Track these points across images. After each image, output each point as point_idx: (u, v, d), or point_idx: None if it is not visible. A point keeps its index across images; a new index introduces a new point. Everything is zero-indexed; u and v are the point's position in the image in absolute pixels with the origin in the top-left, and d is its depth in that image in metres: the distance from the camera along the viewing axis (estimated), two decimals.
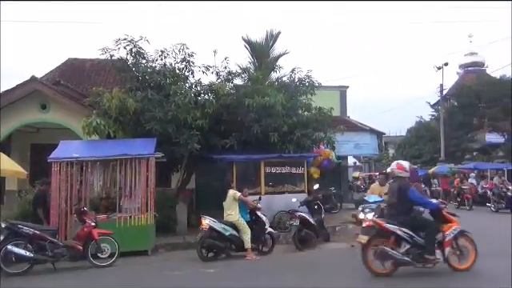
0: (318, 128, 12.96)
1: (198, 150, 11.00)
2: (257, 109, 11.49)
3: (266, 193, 11.84)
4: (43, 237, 8.01)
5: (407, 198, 6.63)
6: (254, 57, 15.60)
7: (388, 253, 6.40)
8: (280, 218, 11.55)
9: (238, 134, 11.80)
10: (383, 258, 6.49)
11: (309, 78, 13.18)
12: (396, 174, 6.98)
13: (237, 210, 8.94)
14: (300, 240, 9.68)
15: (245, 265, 8.41)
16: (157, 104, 11.04)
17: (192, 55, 12.07)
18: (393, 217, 6.68)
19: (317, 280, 7.01)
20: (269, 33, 15.67)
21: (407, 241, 6.48)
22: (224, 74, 12.69)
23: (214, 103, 11.30)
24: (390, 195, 7.07)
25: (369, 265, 6.56)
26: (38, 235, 7.96)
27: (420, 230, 6.59)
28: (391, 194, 6.96)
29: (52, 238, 8.16)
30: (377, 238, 6.57)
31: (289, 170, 12.35)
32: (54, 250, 8.02)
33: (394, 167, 7.04)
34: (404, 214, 6.61)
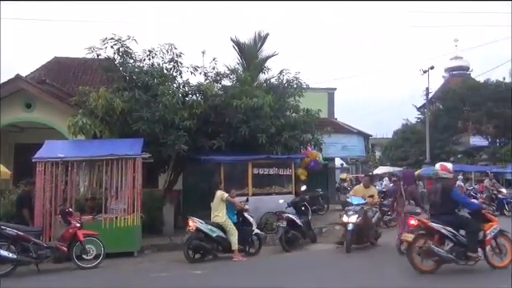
0: (305, 130, 13.02)
1: (186, 150, 10.95)
2: (245, 110, 11.49)
3: (253, 194, 11.83)
4: (27, 238, 7.87)
5: (451, 198, 6.86)
6: (242, 58, 15.60)
7: (434, 250, 6.59)
8: (267, 220, 11.55)
9: (225, 135, 11.78)
10: (429, 256, 6.67)
11: (297, 80, 13.26)
12: (440, 175, 7.18)
13: (224, 211, 8.91)
14: (287, 241, 9.69)
15: (232, 266, 8.40)
16: (144, 104, 10.96)
17: (180, 55, 12.03)
18: (435, 216, 6.91)
19: (303, 281, 7.04)
20: (257, 34, 15.70)
21: (451, 239, 6.71)
22: (212, 74, 12.68)
23: (201, 104, 11.27)
24: (432, 195, 7.25)
25: (414, 262, 6.73)
26: (21, 236, 7.83)
27: (461, 229, 6.80)
28: (434, 194, 7.12)
29: (36, 240, 8.03)
30: (421, 237, 6.74)
31: (276, 172, 12.36)
32: (37, 252, 7.89)
33: (438, 168, 7.25)
34: (447, 213, 6.83)
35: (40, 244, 8.07)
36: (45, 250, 8.02)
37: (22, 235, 7.84)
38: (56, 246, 8.15)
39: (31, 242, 7.87)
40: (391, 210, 10.57)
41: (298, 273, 7.64)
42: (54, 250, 8.10)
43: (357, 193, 10.07)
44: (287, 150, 12.37)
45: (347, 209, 9.46)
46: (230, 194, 9.22)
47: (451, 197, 6.87)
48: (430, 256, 6.68)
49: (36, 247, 7.92)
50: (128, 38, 11.66)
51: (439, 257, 6.64)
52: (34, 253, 7.85)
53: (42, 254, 7.95)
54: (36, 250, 7.88)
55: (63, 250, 8.13)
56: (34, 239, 7.96)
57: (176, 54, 11.99)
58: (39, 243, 8.06)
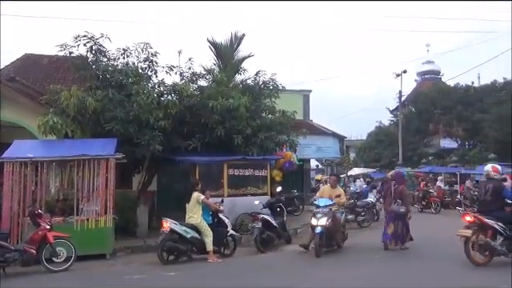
0: (281, 131, 13.09)
1: (160, 151, 10.82)
2: (221, 111, 11.45)
3: (228, 195, 11.80)
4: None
5: (502, 196, 7.57)
6: (218, 58, 15.54)
7: (491, 244, 7.18)
8: (242, 221, 11.54)
9: (201, 135, 11.71)
10: (485, 249, 7.26)
11: (273, 82, 13.32)
12: (491, 176, 7.85)
13: (199, 213, 8.85)
14: (262, 242, 9.70)
15: (206, 267, 8.35)
16: (118, 104, 10.76)
17: (155, 55, 11.89)
18: (485, 213, 7.46)
19: (276, 281, 7.07)
20: (233, 35, 15.67)
21: (501, 234, 7.27)
22: (188, 74, 12.58)
23: (177, 104, 11.17)
24: (482, 193, 7.85)
25: (471, 257, 7.26)
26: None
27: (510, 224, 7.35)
28: (484, 193, 7.75)
29: (2, 242, 7.76)
30: (476, 233, 7.26)
31: (252, 173, 12.36)
32: (4, 255, 7.62)
33: (490, 170, 7.92)
34: (498, 210, 7.47)
35: (7, 247, 7.80)
36: (12, 252, 7.75)
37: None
38: (24, 248, 7.89)
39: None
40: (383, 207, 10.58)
41: (272, 274, 7.67)
42: (22, 253, 7.84)
43: (323, 194, 9.76)
44: (263, 151, 12.40)
45: (315, 211, 9.13)
46: (205, 196, 9.18)
47: (502, 195, 7.57)
48: (486, 249, 7.24)
49: (2, 250, 7.65)
50: (101, 36, 11.43)
51: (494, 250, 7.20)
52: (1, 256, 7.58)
53: (9, 257, 7.67)
54: (2, 254, 7.61)
55: (32, 252, 7.88)
56: (0, 242, 7.69)
57: (151, 53, 11.83)
58: (6, 246, 7.79)
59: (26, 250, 7.87)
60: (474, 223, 7.42)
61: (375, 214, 15.70)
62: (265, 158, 12.41)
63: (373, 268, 7.91)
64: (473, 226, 7.40)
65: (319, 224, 8.73)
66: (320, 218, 8.81)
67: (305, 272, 7.77)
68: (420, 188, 20.20)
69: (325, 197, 9.52)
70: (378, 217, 15.98)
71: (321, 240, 8.71)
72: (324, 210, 8.96)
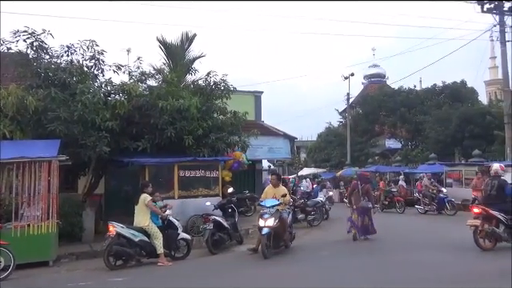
0: (232, 132, 13.08)
1: (108, 152, 10.46)
2: (171, 111, 11.27)
3: (179, 197, 11.62)
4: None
5: (505, 191, 8.68)
6: (169, 58, 15.27)
7: (496, 231, 8.34)
8: (194, 222, 11.41)
9: (151, 136, 11.45)
10: (492, 236, 8.40)
11: (224, 82, 13.29)
12: (499, 174, 9.02)
13: (148, 215, 8.65)
14: (213, 244, 9.66)
15: (155, 271, 8.17)
16: (61, 103, 10.26)
17: (102, 53, 11.50)
18: (490, 205, 8.57)
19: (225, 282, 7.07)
20: (184, 34, 15.47)
21: (504, 223, 8.39)
22: (137, 74, 12.29)
23: (125, 104, 10.84)
24: (488, 189, 8.96)
25: (479, 243, 8.42)
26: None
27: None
28: (490, 188, 8.90)
29: None
30: (483, 222, 8.40)
31: (203, 174, 12.22)
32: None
33: (498, 168, 9.11)
34: (502, 203, 8.54)
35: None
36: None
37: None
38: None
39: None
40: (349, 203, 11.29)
41: (222, 275, 7.65)
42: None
43: (268, 194, 9.54)
44: (214, 152, 12.33)
45: (262, 212, 9.03)
46: (154, 197, 8.98)
47: (505, 190, 8.70)
48: (493, 236, 8.39)
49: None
50: (43, 32, 10.87)
51: (499, 237, 8.36)
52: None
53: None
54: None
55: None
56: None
57: (97, 51, 11.43)
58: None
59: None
60: (481, 214, 8.55)
61: (325, 213, 16.12)
62: (216, 158, 12.34)
63: (320, 266, 8.08)
64: (480, 217, 8.55)
65: (267, 225, 8.63)
66: (267, 218, 8.71)
67: (254, 272, 7.79)
68: (380, 188, 19.71)
69: (269, 197, 9.35)
70: (327, 216, 16.43)
71: (268, 241, 8.63)
72: (271, 211, 8.85)
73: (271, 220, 8.69)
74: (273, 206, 8.97)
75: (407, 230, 13.16)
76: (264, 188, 10.93)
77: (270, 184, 9.93)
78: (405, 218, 16.44)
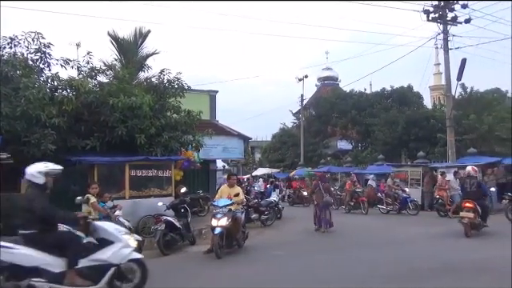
0: (186, 131, 12.92)
1: (53, 150, 9.98)
2: (122, 109, 10.96)
3: (130, 197, 11.31)
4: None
5: (482, 189, 10.84)
6: (120, 54, 14.81)
7: (477, 223, 10.32)
8: (145, 223, 11.14)
9: (100, 134, 11.09)
10: (476, 226, 10.28)
11: (178, 81, 13.11)
12: (471, 174, 10.95)
13: (95, 216, 8.32)
14: (165, 244, 9.48)
15: None
16: (3, 98, 9.69)
17: (49, 46, 10.98)
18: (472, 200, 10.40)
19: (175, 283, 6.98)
20: (138, 30, 15.08)
21: (479, 214, 10.32)
22: (86, 69, 11.86)
23: (73, 100, 10.43)
24: (468, 187, 10.79)
25: (468, 232, 10.10)
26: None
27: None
28: (469, 186, 10.78)
29: None
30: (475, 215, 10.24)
31: (156, 174, 11.98)
32: None
33: (471, 170, 11.03)
34: (480, 199, 10.56)
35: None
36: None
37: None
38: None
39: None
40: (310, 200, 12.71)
41: (172, 276, 7.53)
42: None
43: (222, 194, 9.58)
44: (167, 152, 12.12)
45: (215, 212, 9.02)
46: (103, 198, 8.68)
47: (481, 189, 10.84)
48: (476, 227, 10.28)
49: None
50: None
51: (479, 226, 10.33)
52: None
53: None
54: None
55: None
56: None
57: (44, 44, 10.91)
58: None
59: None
60: (472, 208, 10.24)
61: (278, 212, 16.29)
62: (169, 158, 12.13)
63: (274, 266, 8.16)
64: (472, 211, 10.22)
65: (219, 225, 8.61)
66: (220, 218, 8.70)
67: (206, 273, 7.72)
68: (346, 188, 19.25)
69: (224, 197, 9.37)
70: (280, 215, 16.61)
71: (221, 240, 8.62)
72: (224, 210, 8.83)
73: (224, 219, 8.68)
74: (226, 205, 8.96)
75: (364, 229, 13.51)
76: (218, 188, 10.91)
77: (226, 184, 9.95)
78: (364, 218, 16.46)
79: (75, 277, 5.22)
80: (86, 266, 5.36)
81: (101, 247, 5.59)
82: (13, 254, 4.99)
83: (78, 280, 5.23)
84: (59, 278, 5.13)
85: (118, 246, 5.67)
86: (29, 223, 5.32)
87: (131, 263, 5.79)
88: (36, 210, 5.35)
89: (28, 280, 4.96)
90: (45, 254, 5.16)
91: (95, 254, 5.50)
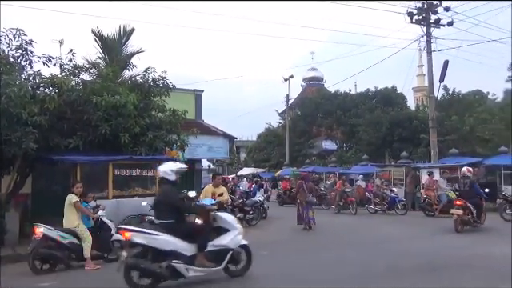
0: (171, 130, 12.82)
1: (35, 149, 9.79)
2: (106, 107, 10.81)
3: (113, 196, 11.17)
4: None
5: (475, 189, 11.48)
6: (104, 52, 14.60)
7: (467, 219, 10.98)
8: (129, 223, 11.01)
9: (83, 133, 10.92)
10: (466, 223, 10.98)
11: (163, 79, 12.99)
12: (466, 174, 11.68)
13: (76, 216, 8.21)
14: None
15: (85, 275, 7.78)
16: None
17: (30, 43, 10.75)
18: (465, 199, 11.05)
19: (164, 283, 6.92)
20: (122, 28, 14.89)
21: (472, 213, 10.95)
22: (69, 67, 11.65)
23: (55, 98, 10.23)
24: (462, 186, 11.71)
25: (458, 227, 10.84)
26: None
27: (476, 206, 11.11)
28: (463, 186, 11.65)
29: None
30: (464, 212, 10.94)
31: (140, 173, 11.84)
32: None
33: (465, 170, 11.82)
34: (472, 197, 11.17)
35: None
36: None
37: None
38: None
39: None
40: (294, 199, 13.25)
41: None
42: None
43: (207, 194, 9.42)
44: (152, 151, 12.02)
45: None
46: (87, 198, 8.57)
47: (474, 188, 11.48)
48: (467, 223, 10.97)
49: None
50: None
51: (469, 223, 11.00)
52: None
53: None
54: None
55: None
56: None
57: (25, 40, 10.67)
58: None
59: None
60: (462, 205, 10.96)
61: (263, 212, 16.32)
62: (154, 157, 12.01)
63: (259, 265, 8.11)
64: (461, 208, 10.94)
65: None
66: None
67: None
68: (337, 188, 19.02)
69: (208, 196, 9.18)
70: (265, 215, 16.64)
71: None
72: None
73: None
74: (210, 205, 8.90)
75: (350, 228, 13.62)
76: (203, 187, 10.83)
77: (211, 183, 9.83)
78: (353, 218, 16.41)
79: (203, 259, 6.24)
80: (210, 250, 6.35)
81: (219, 234, 6.55)
82: (156, 239, 5.98)
83: (206, 262, 6.26)
84: (191, 261, 6.15)
85: (234, 233, 6.66)
86: (166, 214, 6.27)
87: (239, 248, 6.74)
88: (173, 203, 6.40)
89: (167, 262, 5.94)
90: (179, 240, 6.12)
91: (216, 240, 6.47)
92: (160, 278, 6.04)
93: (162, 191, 6.74)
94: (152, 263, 5.96)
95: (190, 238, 6.24)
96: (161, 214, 6.39)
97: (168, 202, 6.37)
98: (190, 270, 6.15)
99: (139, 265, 5.97)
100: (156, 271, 5.93)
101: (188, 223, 6.70)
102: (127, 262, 5.91)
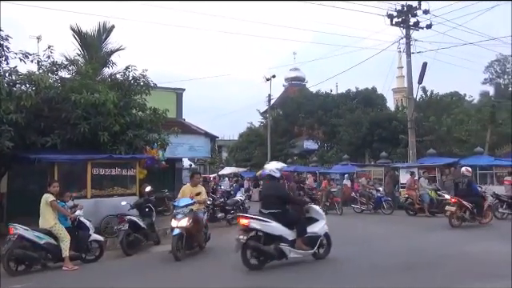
0: (152, 129, 12.72)
1: (11, 148, 9.58)
2: (85, 105, 10.67)
3: (92, 196, 11.03)
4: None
5: (472, 188, 12.03)
6: (84, 49, 14.30)
7: (464, 216, 11.60)
8: (108, 223, 10.90)
9: (61, 131, 10.76)
10: (462, 219, 11.60)
11: (144, 78, 12.87)
12: (465, 174, 12.28)
13: (53, 216, 8.06)
14: (128, 244, 9.31)
15: (62, 275, 7.65)
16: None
17: (7, 39, 10.52)
18: (463, 197, 11.71)
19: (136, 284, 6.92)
20: (102, 25, 14.64)
21: (470, 210, 11.57)
22: (47, 64, 11.45)
23: (32, 96, 10.03)
24: (461, 185, 12.16)
25: (451, 223, 11.59)
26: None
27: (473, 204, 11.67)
28: (462, 185, 12.14)
29: None
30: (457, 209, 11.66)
31: (119, 172, 11.71)
32: None
33: (464, 170, 12.37)
34: (470, 196, 11.72)
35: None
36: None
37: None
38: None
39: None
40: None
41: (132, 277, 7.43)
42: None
43: (185, 193, 9.21)
44: (132, 150, 11.90)
45: (176, 212, 8.59)
46: (64, 197, 8.42)
47: (472, 187, 12.04)
48: (462, 220, 11.57)
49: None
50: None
51: (465, 219, 11.55)
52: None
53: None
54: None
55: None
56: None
57: (1, 36, 10.44)
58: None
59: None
60: (456, 203, 11.68)
61: (244, 211, 16.32)
62: (134, 156, 11.90)
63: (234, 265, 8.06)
64: (456, 205, 11.64)
65: (179, 225, 8.27)
66: (180, 219, 8.35)
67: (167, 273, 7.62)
68: (323, 188, 18.59)
69: (186, 196, 9.02)
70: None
71: (180, 242, 8.28)
72: (184, 211, 8.49)
73: (184, 220, 8.34)
74: (186, 205, 8.64)
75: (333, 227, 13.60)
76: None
77: (189, 183, 9.65)
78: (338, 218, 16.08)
79: (302, 244, 7.30)
80: (306, 236, 7.38)
81: (310, 223, 7.61)
82: (268, 226, 7.09)
83: (303, 246, 7.32)
84: (292, 244, 7.21)
85: (322, 222, 7.76)
86: (273, 205, 7.35)
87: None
88: (281, 196, 7.56)
89: (275, 244, 7.09)
90: (284, 227, 7.19)
91: (309, 227, 7.51)
92: (270, 257, 7.18)
93: (271, 186, 7.75)
94: (264, 245, 7.04)
95: (291, 225, 7.30)
96: (269, 205, 7.39)
97: (277, 195, 7.43)
98: (292, 252, 7.22)
99: (257, 246, 7.01)
100: (269, 251, 7.06)
101: (290, 213, 7.55)
102: (247, 243, 6.95)
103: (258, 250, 7.06)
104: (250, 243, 6.99)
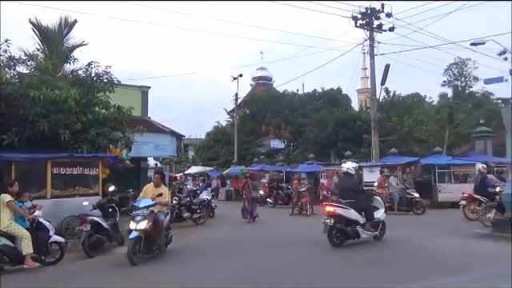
0: (116, 127, 12.39)
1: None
2: (44, 102, 10.25)
3: (52, 196, 10.61)
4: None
5: (485, 183, 13.32)
6: (44, 44, 13.77)
7: (477, 209, 12.65)
8: (69, 224, 10.54)
9: (19, 129, 10.28)
10: (475, 212, 12.70)
11: (107, 74, 12.53)
12: (481, 171, 13.78)
13: (8, 217, 7.71)
14: (91, 246, 9.05)
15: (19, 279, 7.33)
16: None
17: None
18: (477, 192, 13.15)
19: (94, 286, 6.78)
20: (63, 19, 14.14)
21: (484, 203, 12.39)
22: (4, 58, 10.92)
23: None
24: (475, 181, 14.01)
25: (466, 214, 13.09)
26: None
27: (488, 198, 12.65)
28: (476, 180, 14.04)
29: None
30: (468, 203, 13.23)
31: (81, 171, 11.31)
32: None
33: (480, 167, 14.05)
34: (483, 191, 13.03)
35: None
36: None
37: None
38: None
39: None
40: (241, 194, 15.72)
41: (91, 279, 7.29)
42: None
43: (146, 194, 8.84)
44: (94, 149, 11.54)
45: (135, 213, 8.20)
46: (23, 197, 8.08)
47: (485, 183, 13.34)
48: (475, 212, 12.72)
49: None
50: None
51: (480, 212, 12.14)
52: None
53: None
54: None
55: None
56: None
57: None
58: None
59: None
60: (468, 197, 13.19)
61: (210, 210, 16.24)
62: (96, 155, 11.55)
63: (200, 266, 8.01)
64: (466, 199, 13.20)
65: (138, 228, 7.91)
66: (140, 221, 7.97)
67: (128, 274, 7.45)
68: (294, 188, 18.13)
69: (147, 196, 8.67)
70: (213, 213, 16.58)
71: (137, 245, 7.92)
72: (144, 212, 8.12)
73: (143, 223, 7.96)
74: (147, 206, 8.28)
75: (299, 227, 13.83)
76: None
77: (152, 183, 9.30)
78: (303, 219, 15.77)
79: (370, 227, 9.37)
80: (373, 221, 9.41)
81: (375, 210, 9.68)
82: (348, 212, 9.09)
83: (371, 228, 9.38)
84: (363, 227, 9.24)
85: (382, 210, 9.93)
86: (350, 196, 9.39)
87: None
88: (356, 189, 9.90)
89: (352, 227, 9.07)
90: (356, 213, 9.19)
91: (374, 214, 9.54)
92: (349, 236, 9.08)
93: (348, 181, 9.84)
94: (345, 227, 9.01)
95: (361, 212, 9.30)
96: (346, 196, 9.42)
97: (353, 189, 9.60)
98: (363, 234, 9.20)
99: (342, 227, 8.97)
100: (349, 232, 9.02)
101: (362, 202, 9.55)
102: (334, 225, 8.90)
103: (342, 230, 8.97)
104: (336, 225, 8.88)
